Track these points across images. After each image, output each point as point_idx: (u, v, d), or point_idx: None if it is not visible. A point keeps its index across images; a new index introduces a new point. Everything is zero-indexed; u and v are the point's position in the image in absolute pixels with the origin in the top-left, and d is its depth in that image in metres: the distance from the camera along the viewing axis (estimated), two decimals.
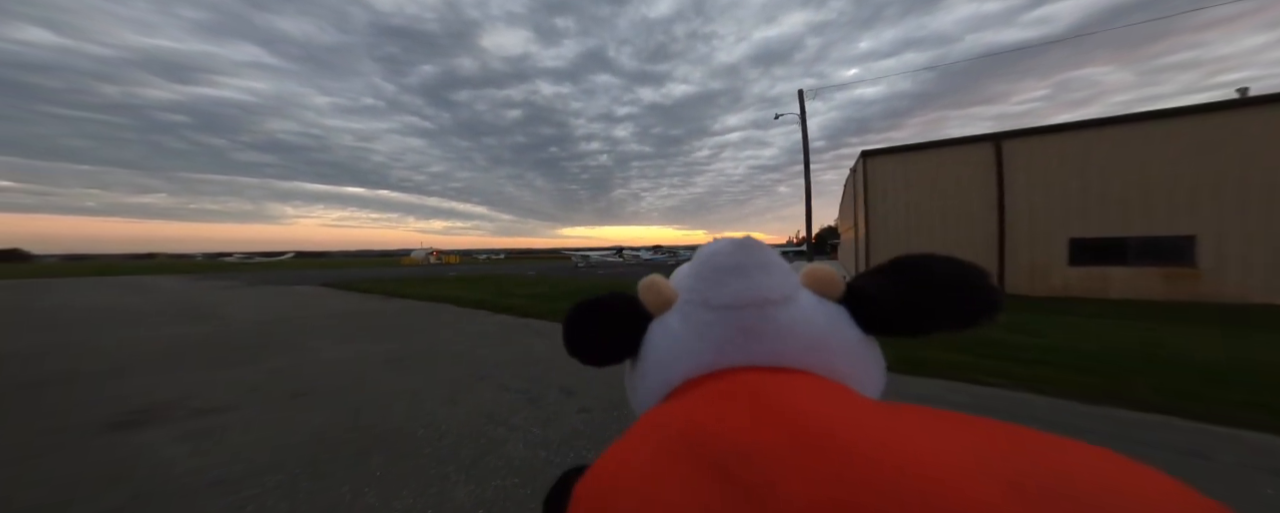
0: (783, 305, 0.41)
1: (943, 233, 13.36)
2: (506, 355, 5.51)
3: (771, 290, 0.41)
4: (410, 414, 3.50)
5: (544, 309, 9.41)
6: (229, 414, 3.51)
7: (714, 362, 0.40)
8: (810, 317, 0.41)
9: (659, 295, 0.46)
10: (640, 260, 44.37)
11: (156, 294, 15.28)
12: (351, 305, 11.17)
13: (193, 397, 3.95)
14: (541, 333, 7.07)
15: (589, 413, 3.58)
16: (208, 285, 19.41)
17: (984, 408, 3.57)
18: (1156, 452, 2.77)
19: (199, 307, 11.15)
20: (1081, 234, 11.29)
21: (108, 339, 6.88)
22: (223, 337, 7.00)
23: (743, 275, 0.42)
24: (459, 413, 3.54)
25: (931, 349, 5.32)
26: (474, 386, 4.28)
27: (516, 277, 22.79)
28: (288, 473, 2.54)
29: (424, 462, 2.70)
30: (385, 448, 2.88)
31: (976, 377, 4.30)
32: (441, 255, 62.79)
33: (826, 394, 0.33)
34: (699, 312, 0.43)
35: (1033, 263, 11.92)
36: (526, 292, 13.79)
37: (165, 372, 4.90)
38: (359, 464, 2.66)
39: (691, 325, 0.42)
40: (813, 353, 0.40)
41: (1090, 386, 3.92)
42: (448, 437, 3.09)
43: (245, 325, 8.09)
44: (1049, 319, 7.64)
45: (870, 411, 0.29)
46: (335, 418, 3.42)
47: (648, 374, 0.44)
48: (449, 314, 9.31)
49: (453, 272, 30.80)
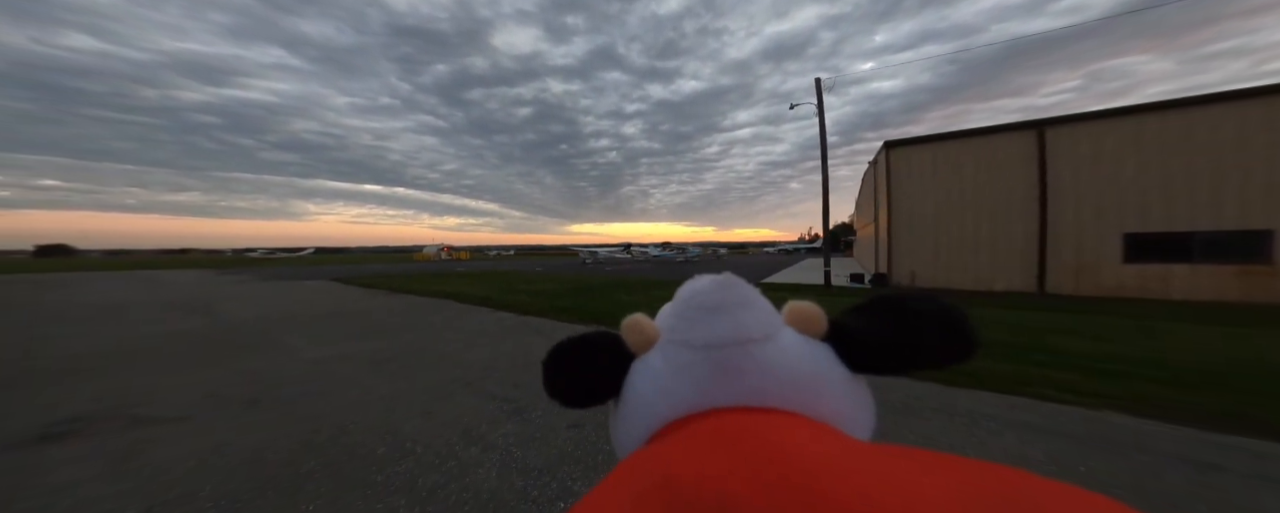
0: (765, 343, 0.40)
1: (975, 229, 12.39)
2: (499, 358, 5.02)
3: (753, 328, 0.41)
4: (375, 427, 3.01)
5: (546, 306, 8.93)
6: (168, 427, 3.07)
7: (696, 402, 0.39)
8: (794, 354, 0.40)
9: (641, 334, 0.45)
10: (648, 257, 43.79)
11: (168, 289, 15.32)
12: (352, 301, 10.88)
13: (139, 404, 3.53)
14: (541, 331, 6.58)
15: (581, 429, 3.04)
16: (222, 280, 19.53)
17: (1062, 432, 2.91)
18: None
19: (200, 302, 10.99)
20: (1139, 229, 10.20)
21: (89, 336, 6.62)
22: (207, 334, 6.68)
23: (724, 314, 0.41)
24: (432, 427, 3.04)
25: (981, 359, 4.63)
26: (456, 393, 3.79)
27: (523, 273, 22.46)
28: (195, 507, 2.06)
29: (371, 492, 2.19)
30: (330, 472, 2.39)
31: (1044, 392, 3.62)
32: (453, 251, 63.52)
33: (811, 436, 0.32)
34: (680, 351, 0.42)
35: (1080, 261, 10.89)
36: (530, 288, 13.37)
37: (126, 373, 4.52)
38: (290, 494, 2.17)
39: (673, 365, 0.42)
40: (797, 391, 0.39)
41: (1204, 407, 3.21)
42: (410, 458, 2.58)
43: (236, 322, 7.79)
44: (1108, 322, 6.81)
45: (857, 454, 0.29)
46: (286, 432, 2.95)
47: (630, 416, 0.43)
48: (449, 311, 8.90)
49: (462, 267, 30.70)
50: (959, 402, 3.48)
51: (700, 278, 0.45)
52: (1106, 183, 10.51)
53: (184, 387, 3.99)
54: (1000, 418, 3.17)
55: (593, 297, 10.93)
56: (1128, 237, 10.34)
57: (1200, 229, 9.58)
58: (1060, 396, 3.55)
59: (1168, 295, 9.84)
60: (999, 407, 3.37)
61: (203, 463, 2.50)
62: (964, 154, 12.47)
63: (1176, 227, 9.84)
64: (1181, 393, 3.51)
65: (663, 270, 24.38)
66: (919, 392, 3.70)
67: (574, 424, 3.11)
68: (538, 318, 7.84)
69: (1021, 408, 3.34)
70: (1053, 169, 11.09)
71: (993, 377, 4.01)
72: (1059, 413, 3.25)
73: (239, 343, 6.00)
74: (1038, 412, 3.27)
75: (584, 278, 18.17)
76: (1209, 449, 2.63)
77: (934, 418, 3.19)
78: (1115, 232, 10.46)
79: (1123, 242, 10.39)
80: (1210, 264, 9.48)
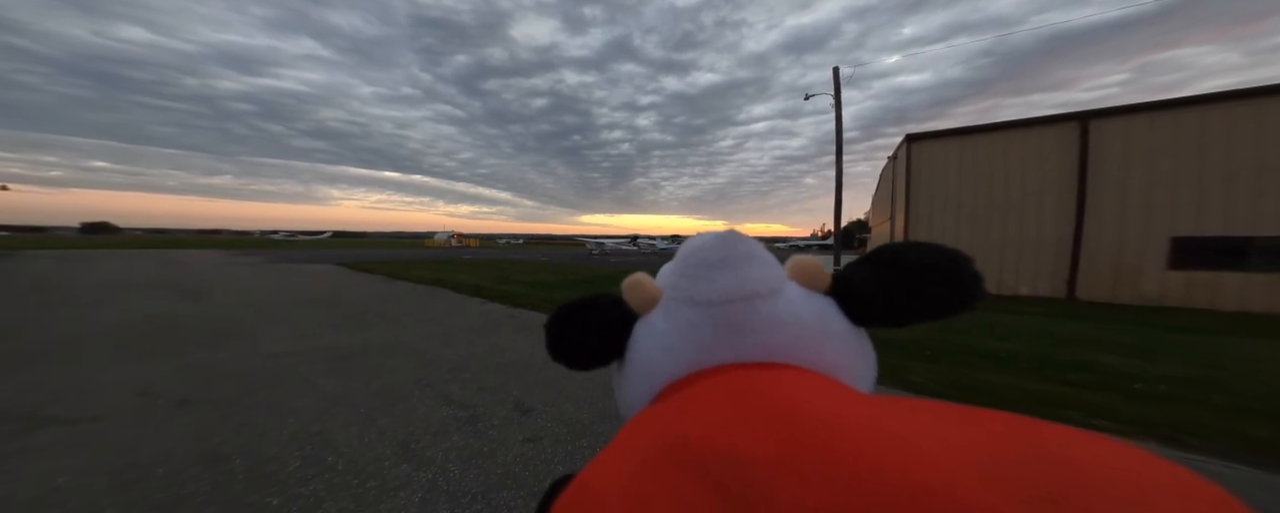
0: (769, 299, 0.40)
1: (1001, 229, 11.55)
2: (471, 356, 4.68)
3: (758, 284, 0.40)
4: (300, 437, 2.67)
5: (539, 298, 8.60)
6: (69, 431, 2.74)
7: (701, 359, 0.39)
8: (798, 309, 0.40)
9: (643, 294, 0.45)
10: (656, 250, 43.35)
11: (176, 268, 15.47)
12: (345, 287, 10.72)
13: (59, 401, 3.22)
14: (526, 327, 6.25)
15: (537, 444, 2.67)
16: (235, 261, 19.71)
17: None
18: None
19: (198, 285, 10.95)
20: (1192, 232, 9.25)
21: (62, 319, 6.43)
22: (183, 321, 6.47)
23: (728, 269, 0.41)
24: (367, 437, 2.70)
25: (1005, 374, 4.11)
26: (411, 396, 3.45)
27: (525, 262, 22.25)
28: None
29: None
30: (219, 495, 2.04)
31: (1073, 416, 3.10)
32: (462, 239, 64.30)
33: (819, 389, 0.32)
34: (684, 309, 0.41)
35: (1119, 265, 10.00)
36: (527, 279, 13.09)
37: (72, 362, 4.24)
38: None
39: (677, 323, 0.41)
40: (802, 346, 0.39)
41: (1275, 443, 2.67)
42: (323, 476, 2.23)
43: (219, 308, 7.62)
44: (1152, 335, 6.13)
45: (866, 406, 0.28)
46: (198, 440, 2.62)
47: (634, 376, 0.43)
48: (439, 301, 8.64)
49: (468, 255, 30.82)
50: None
51: (703, 234, 0.45)
52: (1158, 181, 9.52)
53: (121, 381, 3.70)
54: None
55: (592, 289, 10.53)
56: (1176, 240, 9.39)
57: (1262, 234, 8.62)
58: (1092, 422, 3.04)
59: (1215, 306, 8.98)
60: None
61: (74, 479, 2.17)
62: (994, 148, 11.58)
63: (1235, 230, 8.87)
64: (1244, 423, 2.96)
65: None
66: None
67: (530, 439, 2.74)
68: (529, 311, 7.52)
69: None
70: (1095, 165, 10.14)
71: (1017, 396, 3.50)
72: None
73: (207, 331, 5.77)
74: None
75: (586, 270, 17.85)
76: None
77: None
78: (1163, 234, 9.52)
79: (1170, 245, 9.46)
80: (1268, 273, 8.56)
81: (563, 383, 3.78)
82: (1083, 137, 10.24)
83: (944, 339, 5.48)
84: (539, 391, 3.60)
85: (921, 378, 3.88)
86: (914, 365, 4.27)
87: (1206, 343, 5.68)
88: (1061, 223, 10.63)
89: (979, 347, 5.11)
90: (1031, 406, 3.33)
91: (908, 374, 3.97)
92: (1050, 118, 10.84)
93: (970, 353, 4.82)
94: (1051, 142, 10.69)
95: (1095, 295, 10.25)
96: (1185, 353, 5.05)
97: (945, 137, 12.57)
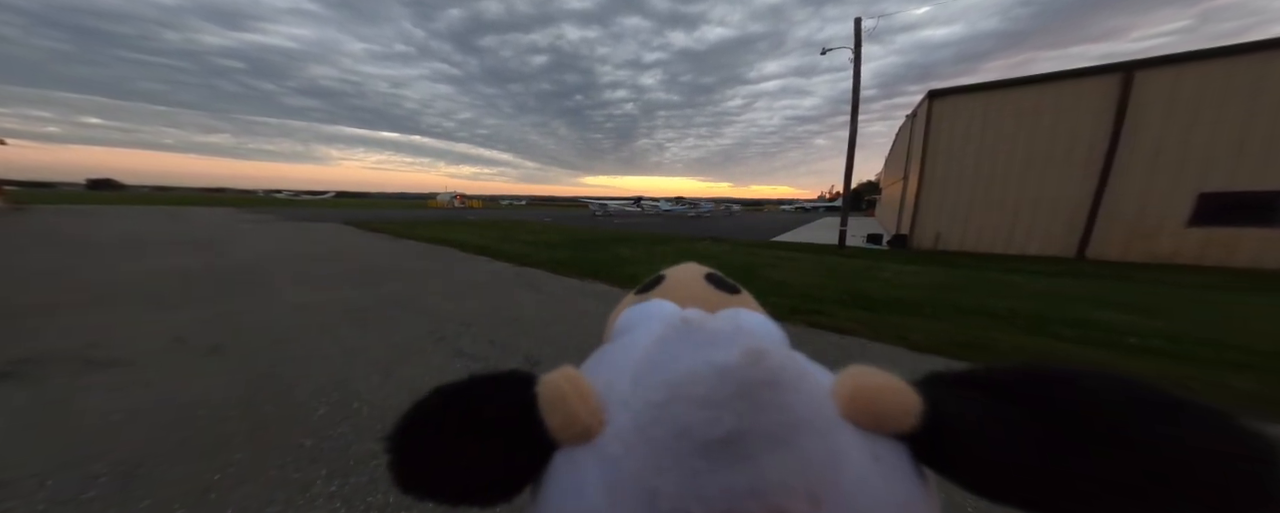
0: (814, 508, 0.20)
1: (1019, 186, 11.29)
2: (480, 311, 4.83)
3: (797, 485, 0.20)
4: (325, 385, 2.85)
5: (545, 258, 8.70)
6: (115, 372, 2.97)
7: None
8: (864, 503, 0.21)
9: (569, 417, 0.25)
10: (659, 211, 43.08)
11: (188, 225, 15.70)
12: (356, 245, 10.89)
13: (100, 345, 3.46)
14: (533, 285, 6.38)
15: None
16: (243, 219, 19.94)
17: None
18: None
19: (213, 241, 11.17)
20: (1224, 187, 8.99)
21: (96, 269, 6.73)
22: (205, 273, 6.71)
23: (741, 460, 0.20)
24: (387, 387, 2.87)
25: (1000, 331, 4.19)
26: (425, 349, 3.61)
27: (529, 223, 22.29)
28: (88, 472, 1.91)
29: (291, 460, 2.02)
30: (258, 437, 2.22)
31: None
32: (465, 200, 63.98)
33: None
34: (643, 484, 0.21)
35: (1138, 223, 9.86)
36: (531, 239, 13.20)
37: (107, 310, 4.50)
38: (203, 458, 2.01)
39: (623, 495, 0.22)
40: None
41: (1265, 395, 2.76)
42: (350, 420, 2.41)
43: (235, 262, 7.82)
44: (1161, 292, 6.14)
45: None
46: (232, 386, 2.81)
47: None
48: (446, 259, 8.78)
49: (471, 216, 30.87)
50: None
51: (698, 368, 0.22)
52: (1200, 134, 9.12)
53: (154, 329, 3.93)
54: None
55: (594, 249, 10.66)
56: (1204, 196, 9.18)
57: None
58: None
59: (1228, 263, 8.91)
60: None
61: (130, 417, 2.37)
62: (1024, 103, 11.06)
63: (1268, 185, 8.59)
64: (1230, 375, 3.05)
65: (673, 225, 23.83)
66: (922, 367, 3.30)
67: None
68: (534, 270, 7.64)
69: None
70: (1134, 118, 9.70)
71: (1008, 349, 3.60)
72: None
73: (229, 283, 5.98)
74: None
75: (589, 230, 17.89)
76: None
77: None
78: (1191, 190, 9.31)
79: (1195, 201, 9.26)
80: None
81: (570, 338, 3.93)
82: (1124, 88, 9.70)
83: (944, 298, 5.54)
84: (547, 345, 3.75)
85: (921, 335, 3.98)
86: (913, 323, 4.36)
87: (1211, 299, 5.70)
88: (1085, 180, 10.37)
89: (979, 305, 5.18)
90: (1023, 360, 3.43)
91: (908, 332, 4.06)
92: (1089, 69, 10.27)
93: (970, 311, 4.90)
94: (1088, 95, 10.17)
95: (1107, 254, 10.19)
96: (1187, 309, 5.10)
97: (971, 91, 12.02)
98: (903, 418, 0.24)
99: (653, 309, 0.42)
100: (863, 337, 4.00)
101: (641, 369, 0.25)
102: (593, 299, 5.51)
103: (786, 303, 5.02)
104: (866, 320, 4.38)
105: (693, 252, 11.03)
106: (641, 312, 0.42)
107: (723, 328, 0.24)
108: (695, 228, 21.50)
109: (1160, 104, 9.44)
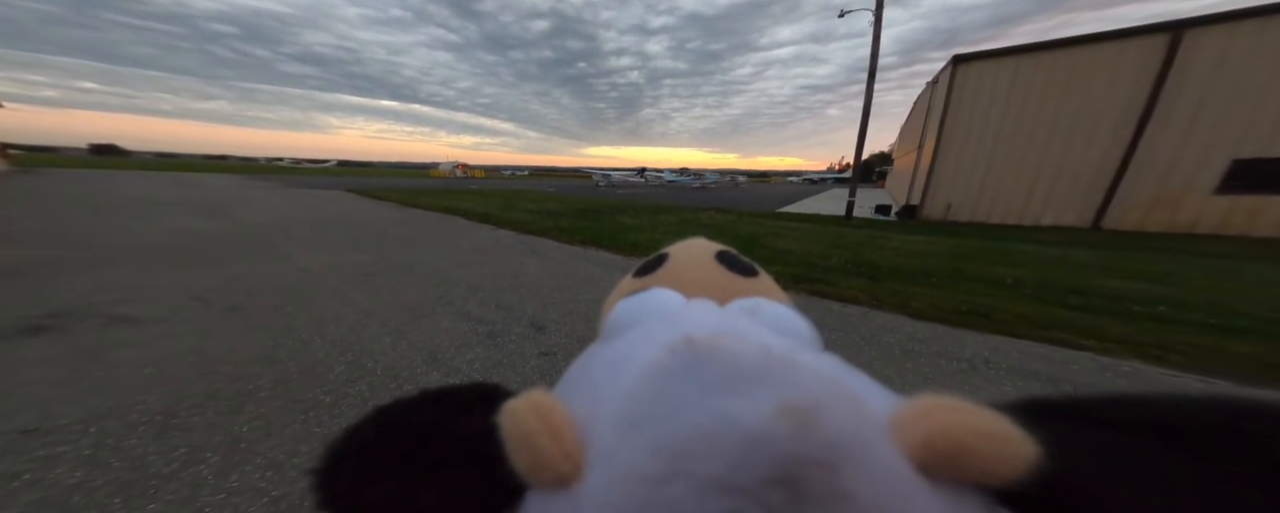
0: None
1: (1042, 155, 10.91)
2: (485, 276, 4.91)
3: None
4: (340, 344, 2.96)
5: (548, 226, 8.72)
6: (142, 328, 3.10)
7: None
8: None
9: (538, 461, 0.17)
10: (663, 182, 42.55)
11: (196, 191, 15.78)
12: (361, 211, 10.94)
13: (125, 302, 3.61)
14: (538, 252, 6.43)
15: (552, 358, 2.93)
16: (248, 185, 19.98)
17: (1070, 380, 2.62)
18: None
19: (221, 205, 11.26)
20: (1260, 153, 8.66)
21: (114, 228, 6.90)
22: (218, 236, 6.83)
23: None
24: (399, 347, 2.97)
25: (1004, 299, 4.21)
26: (434, 312, 3.71)
27: (532, 192, 22.16)
28: (126, 421, 2.04)
29: (312, 415, 2.14)
30: (280, 391, 2.35)
31: (1062, 337, 3.26)
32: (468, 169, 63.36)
33: None
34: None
35: (1162, 192, 9.59)
36: (535, 208, 13.18)
37: (130, 268, 4.68)
38: (231, 412, 2.13)
39: None
40: None
41: (1257, 358, 2.80)
42: (365, 380, 2.52)
43: (246, 226, 7.93)
44: (1176, 261, 6.05)
45: None
46: (253, 343, 2.93)
47: None
48: (450, 226, 8.83)
49: (474, 185, 30.74)
50: (965, 346, 3.17)
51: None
52: (1243, 99, 8.67)
53: (174, 287, 4.07)
54: (1004, 364, 2.88)
55: (597, 218, 10.65)
56: (1237, 162, 8.88)
57: None
58: (1079, 342, 3.19)
59: (1249, 232, 8.74)
60: (1008, 353, 3.06)
61: (160, 370, 2.51)
62: (1056, 67, 10.51)
63: None
64: (1230, 341, 3.08)
65: (678, 196, 23.57)
66: (921, 334, 3.39)
67: (545, 353, 2.99)
68: (538, 237, 7.68)
69: (1033, 355, 3.02)
70: (1175, 82, 9.20)
71: (1010, 319, 3.63)
72: (1074, 359, 2.94)
73: (241, 246, 6.10)
74: (1052, 359, 2.96)
75: (593, 200, 17.79)
76: None
77: (932, 362, 2.92)
78: (1223, 157, 9.00)
79: (1227, 169, 8.97)
80: None
81: (573, 304, 4.01)
82: (1169, 50, 9.14)
83: (950, 267, 5.53)
84: (551, 310, 3.83)
85: (924, 303, 4.01)
86: (917, 291, 4.38)
87: (1224, 267, 5.64)
88: (1112, 147, 10.02)
89: (985, 273, 5.17)
90: (1022, 327, 3.47)
91: (910, 300, 4.09)
92: (1133, 29, 9.65)
93: (976, 279, 4.89)
94: (1130, 57, 9.63)
95: (1123, 224, 10.01)
96: (1197, 277, 5.06)
97: (998, 56, 11.42)
98: (1005, 470, 0.15)
99: (652, 304, 0.34)
100: (864, 305, 4.04)
101: (628, 413, 0.17)
102: (596, 265, 5.57)
103: (790, 271, 5.03)
104: (869, 289, 4.41)
105: (696, 222, 10.97)
106: (639, 306, 0.34)
107: (747, 357, 0.16)
108: (699, 198, 21.25)
109: (1205, 66, 8.94)
